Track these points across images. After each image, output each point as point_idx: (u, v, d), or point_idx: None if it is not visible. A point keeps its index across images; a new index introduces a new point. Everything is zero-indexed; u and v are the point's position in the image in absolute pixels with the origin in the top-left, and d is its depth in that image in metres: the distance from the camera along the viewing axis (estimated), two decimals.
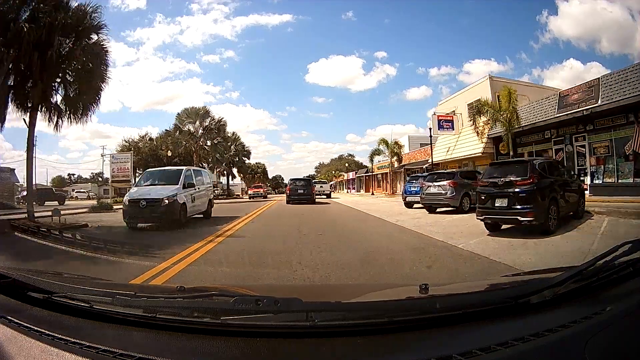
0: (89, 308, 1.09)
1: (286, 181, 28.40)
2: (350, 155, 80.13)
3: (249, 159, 48.17)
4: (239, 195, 52.50)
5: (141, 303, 1.12)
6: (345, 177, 62.38)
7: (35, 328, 1.01)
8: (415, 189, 14.64)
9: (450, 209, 11.95)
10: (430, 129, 24.07)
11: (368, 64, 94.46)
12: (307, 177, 31.27)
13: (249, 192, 35.60)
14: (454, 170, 14.51)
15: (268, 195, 48.12)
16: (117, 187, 33.13)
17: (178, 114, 33.36)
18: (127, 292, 1.17)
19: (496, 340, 0.87)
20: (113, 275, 3.99)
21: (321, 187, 32.48)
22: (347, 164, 65.41)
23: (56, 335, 0.97)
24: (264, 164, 69.84)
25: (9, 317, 1.06)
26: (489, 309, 1.03)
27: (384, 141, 33.29)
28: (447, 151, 24.00)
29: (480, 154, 20.47)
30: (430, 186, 12.43)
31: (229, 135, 43.53)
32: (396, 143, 32.96)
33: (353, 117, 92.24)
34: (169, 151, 32.08)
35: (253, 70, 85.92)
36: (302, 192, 21.15)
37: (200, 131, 32.55)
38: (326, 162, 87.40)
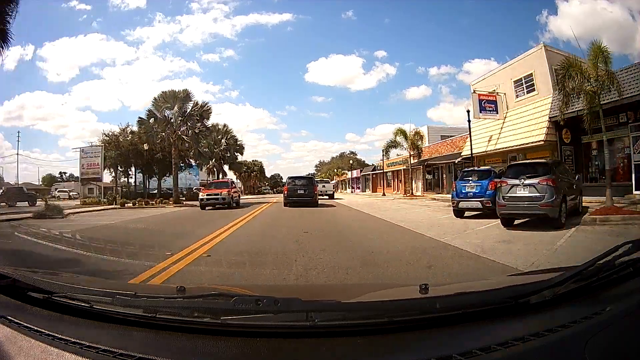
0: (89, 308, 1.09)
1: (285, 180, 22.95)
2: (352, 153, 78.45)
3: (242, 154, 42.88)
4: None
5: (141, 303, 1.12)
6: (349, 176, 58.82)
7: (35, 328, 1.01)
8: (474, 191, 10.37)
9: (524, 220, 8.16)
10: (468, 111, 18.91)
11: (368, 64, 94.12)
12: (308, 175, 28.48)
13: (201, 195, 19.64)
14: (543, 160, 10.15)
15: (257, 196, 42.61)
16: (101, 185, 30.23)
17: (155, 98, 26.20)
18: (127, 292, 1.17)
19: (496, 340, 0.87)
20: None
21: (323, 186, 28.70)
22: (351, 161, 62.98)
23: (56, 335, 0.97)
24: (261, 162, 67.05)
25: (9, 317, 1.06)
26: (489, 309, 1.03)
27: (401, 131, 27.85)
28: (489, 141, 19.21)
29: (542, 143, 15.50)
30: (517, 186, 7.90)
31: (219, 127, 38.39)
32: (417, 133, 27.77)
33: (352, 117, 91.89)
34: (145, 144, 26.89)
35: (253, 70, 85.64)
36: (303, 192, 17.85)
37: (179, 118, 25.68)
38: (327, 160, 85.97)
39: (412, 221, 10.17)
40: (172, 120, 25.72)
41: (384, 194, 33.94)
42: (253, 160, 63.71)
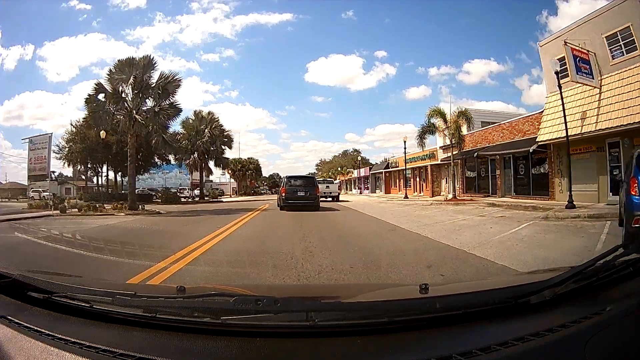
0: (89, 308, 1.09)
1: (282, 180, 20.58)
2: (355, 150, 74.07)
3: (230, 147, 35.00)
4: (227, 196, 43.92)
5: (141, 303, 1.12)
6: (355, 175, 52.40)
7: (35, 328, 1.01)
8: None
9: None
10: (556, 73, 12.43)
11: (368, 63, 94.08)
12: (309, 174, 25.60)
13: None
14: None
15: (252, 197, 38.13)
16: (80, 185, 27.02)
17: (110, 70, 18.24)
18: (127, 292, 1.17)
19: (496, 340, 0.87)
20: None
21: (327, 187, 24.92)
22: (359, 157, 58.25)
23: (56, 335, 0.97)
24: (257, 160, 60.80)
25: (9, 317, 1.06)
26: (488, 309, 1.03)
27: (438, 112, 20.21)
28: (582, 119, 13.06)
29: None
30: None
31: (203, 114, 32.34)
32: (462, 114, 19.71)
33: (352, 117, 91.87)
34: (102, 131, 20.09)
35: (252, 69, 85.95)
36: (304, 194, 15.42)
37: (135, 92, 17.92)
38: (328, 159, 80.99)
39: None
40: (125, 96, 17.96)
41: (406, 196, 25.68)
42: (248, 158, 58.94)
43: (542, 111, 15.17)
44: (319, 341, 0.96)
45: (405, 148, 26.98)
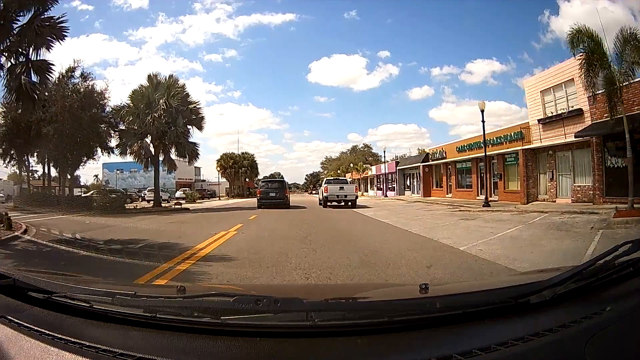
0: (89, 308, 1.09)
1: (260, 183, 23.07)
2: (366, 146, 68.30)
3: (200, 128, 23.46)
4: (215, 200, 35.45)
5: (141, 303, 1.12)
6: (374, 172, 42.55)
7: (35, 328, 1.01)
8: None
9: None
10: None
11: (371, 64, 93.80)
12: (280, 178, 24.57)
13: None
14: None
15: (243, 200, 28.83)
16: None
17: None
18: (127, 292, 1.17)
19: (496, 340, 0.87)
20: None
21: (340, 188, 19.38)
22: (384, 150, 49.87)
23: (56, 335, 0.97)
24: (252, 155, 52.29)
25: (9, 317, 1.06)
26: (489, 309, 1.03)
27: (587, 35, 9.98)
28: None
29: None
30: None
31: (160, 80, 21.38)
32: (632, 36, 9.34)
33: (355, 117, 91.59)
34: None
35: (255, 70, 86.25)
36: (275, 195, 18.98)
37: None
38: (334, 156, 74.59)
39: None
40: None
41: (486, 203, 14.92)
42: (243, 153, 50.77)
43: None
44: (319, 341, 0.96)
45: (483, 122, 16.01)
